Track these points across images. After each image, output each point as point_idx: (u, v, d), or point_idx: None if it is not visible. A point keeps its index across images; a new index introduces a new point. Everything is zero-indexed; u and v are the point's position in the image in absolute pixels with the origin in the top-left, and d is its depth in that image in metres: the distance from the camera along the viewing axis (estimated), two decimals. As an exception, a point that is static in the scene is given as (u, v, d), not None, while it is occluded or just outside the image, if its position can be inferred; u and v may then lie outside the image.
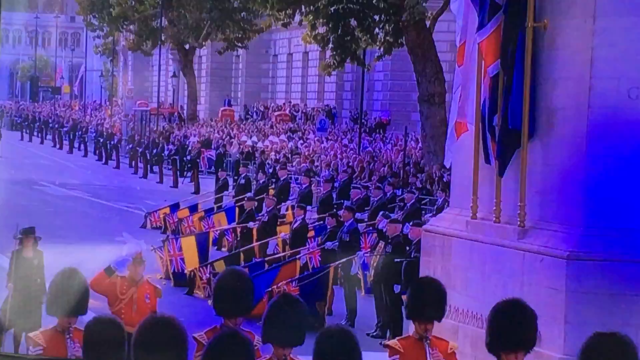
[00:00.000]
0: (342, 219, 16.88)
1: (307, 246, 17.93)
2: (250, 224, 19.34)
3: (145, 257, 10.07)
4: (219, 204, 23.84)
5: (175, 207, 23.44)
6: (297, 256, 16.71)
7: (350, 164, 26.85)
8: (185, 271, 16.89)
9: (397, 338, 7.72)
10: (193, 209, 23.02)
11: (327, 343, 5.61)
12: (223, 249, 20.42)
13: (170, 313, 6.95)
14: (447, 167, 19.34)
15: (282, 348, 6.37)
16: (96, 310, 9.05)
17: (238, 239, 19.65)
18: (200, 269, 16.69)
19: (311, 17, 27.25)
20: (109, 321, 5.43)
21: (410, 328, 12.00)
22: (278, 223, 19.64)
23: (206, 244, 17.96)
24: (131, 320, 8.42)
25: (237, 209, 20.89)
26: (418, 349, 7.27)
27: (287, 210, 21.25)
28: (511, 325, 6.12)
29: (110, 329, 5.13)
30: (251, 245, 18.53)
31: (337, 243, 16.24)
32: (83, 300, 7.31)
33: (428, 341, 7.24)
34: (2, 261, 14.34)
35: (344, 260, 15.41)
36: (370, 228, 17.70)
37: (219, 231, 20.55)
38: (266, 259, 17.35)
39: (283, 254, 17.84)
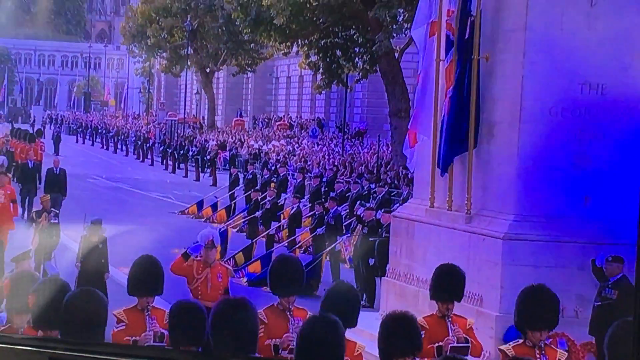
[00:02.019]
0: (328, 207, 16.96)
1: (301, 230, 17.87)
2: (257, 213, 19.35)
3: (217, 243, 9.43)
4: (234, 200, 23.67)
5: (200, 205, 23.23)
6: (296, 246, 16.54)
7: (335, 164, 26.86)
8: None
9: (423, 316, 6.93)
10: (214, 207, 22.78)
11: (392, 324, 4.88)
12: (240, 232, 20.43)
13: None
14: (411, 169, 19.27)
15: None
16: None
17: (247, 223, 19.75)
18: (225, 262, 16.59)
19: (306, 49, 27.30)
20: (191, 304, 4.90)
21: (382, 293, 12.09)
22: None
23: (226, 239, 17.80)
24: (207, 297, 8.01)
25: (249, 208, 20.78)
26: (441, 325, 6.85)
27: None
28: (537, 308, 5.67)
29: (191, 311, 4.54)
30: (259, 236, 18.38)
31: (324, 227, 16.29)
32: (159, 282, 6.69)
33: (450, 318, 6.79)
34: (68, 243, 14.03)
35: (332, 246, 15.35)
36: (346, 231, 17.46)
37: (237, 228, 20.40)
38: (272, 249, 17.08)
39: (285, 242, 17.66)
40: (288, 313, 6.12)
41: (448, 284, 6.85)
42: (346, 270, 15.52)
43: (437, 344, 6.76)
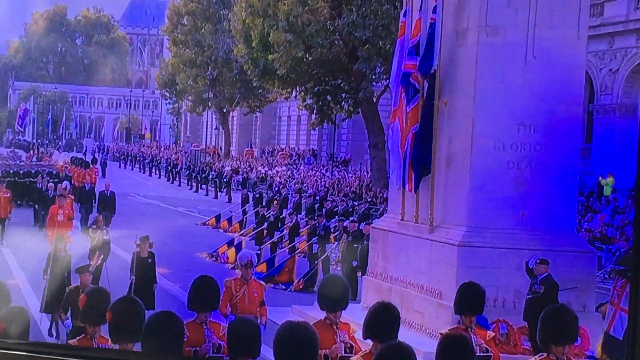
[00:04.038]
0: (319, 221, 16.98)
1: (299, 239, 17.86)
2: (264, 225, 19.39)
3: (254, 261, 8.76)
4: (245, 215, 23.56)
5: (218, 218, 23.06)
6: (294, 253, 16.42)
7: (325, 185, 26.96)
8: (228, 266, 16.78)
9: (449, 328, 6.34)
10: (229, 220, 22.64)
11: (448, 343, 4.18)
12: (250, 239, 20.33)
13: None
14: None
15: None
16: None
17: (255, 233, 19.75)
18: (237, 263, 16.42)
19: (303, 94, 27.44)
20: (246, 320, 4.31)
21: (363, 288, 12.11)
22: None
23: (240, 250, 17.66)
24: (245, 310, 7.64)
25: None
26: None
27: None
28: (560, 326, 5.10)
29: (247, 326, 3.99)
30: (267, 242, 18.35)
31: (316, 237, 16.33)
32: (216, 299, 6.10)
33: (473, 330, 6.16)
34: (115, 250, 13.51)
35: (324, 255, 15.30)
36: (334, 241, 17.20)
37: (248, 236, 20.22)
38: (275, 254, 17.00)
39: (286, 247, 17.56)
40: (335, 327, 5.68)
41: (471, 299, 6.26)
42: (333, 270, 15.56)
43: None
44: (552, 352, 5.09)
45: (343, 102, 26.19)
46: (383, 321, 4.83)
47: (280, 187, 26.44)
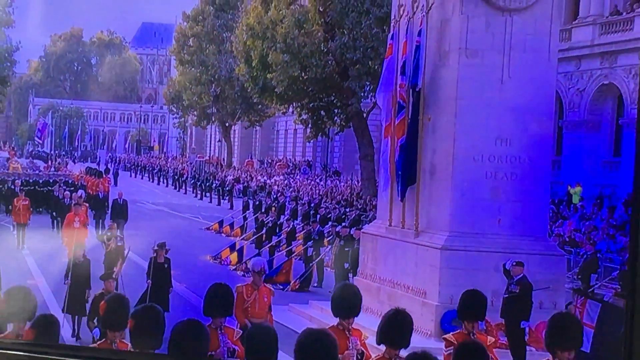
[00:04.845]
0: (313, 227, 16.96)
1: (295, 243, 17.82)
2: (263, 230, 19.34)
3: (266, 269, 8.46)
4: (246, 221, 23.49)
5: (221, 224, 22.95)
6: (291, 256, 16.28)
7: (320, 194, 26.97)
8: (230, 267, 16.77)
9: (452, 333, 6.11)
10: (231, 225, 22.54)
11: (464, 351, 3.96)
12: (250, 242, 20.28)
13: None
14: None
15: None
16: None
17: (255, 237, 19.70)
18: (239, 265, 16.52)
19: (299, 109, 27.52)
20: (264, 326, 4.02)
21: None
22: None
23: (242, 253, 17.64)
24: (256, 315, 7.34)
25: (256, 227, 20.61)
26: None
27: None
28: (567, 332, 4.81)
29: (264, 333, 3.74)
30: (266, 246, 18.32)
31: (311, 241, 16.30)
32: (231, 305, 5.80)
33: (474, 335, 5.82)
34: (134, 258, 13.19)
35: (318, 258, 15.27)
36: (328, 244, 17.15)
37: (249, 241, 20.07)
38: (273, 256, 16.89)
39: (284, 250, 17.45)
40: (347, 332, 5.40)
41: (475, 306, 5.94)
42: (327, 272, 15.55)
43: None
44: (557, 357, 4.79)
45: (335, 117, 26.27)
46: (397, 328, 4.65)
47: (278, 195, 26.45)
